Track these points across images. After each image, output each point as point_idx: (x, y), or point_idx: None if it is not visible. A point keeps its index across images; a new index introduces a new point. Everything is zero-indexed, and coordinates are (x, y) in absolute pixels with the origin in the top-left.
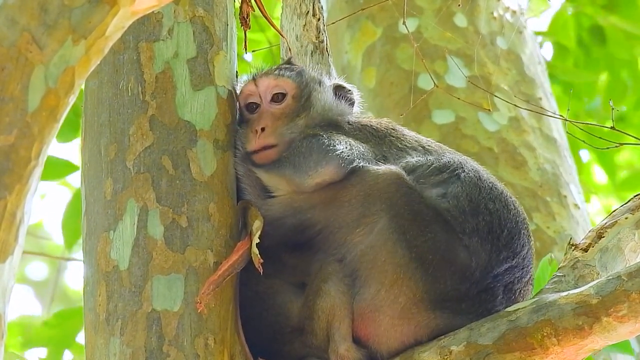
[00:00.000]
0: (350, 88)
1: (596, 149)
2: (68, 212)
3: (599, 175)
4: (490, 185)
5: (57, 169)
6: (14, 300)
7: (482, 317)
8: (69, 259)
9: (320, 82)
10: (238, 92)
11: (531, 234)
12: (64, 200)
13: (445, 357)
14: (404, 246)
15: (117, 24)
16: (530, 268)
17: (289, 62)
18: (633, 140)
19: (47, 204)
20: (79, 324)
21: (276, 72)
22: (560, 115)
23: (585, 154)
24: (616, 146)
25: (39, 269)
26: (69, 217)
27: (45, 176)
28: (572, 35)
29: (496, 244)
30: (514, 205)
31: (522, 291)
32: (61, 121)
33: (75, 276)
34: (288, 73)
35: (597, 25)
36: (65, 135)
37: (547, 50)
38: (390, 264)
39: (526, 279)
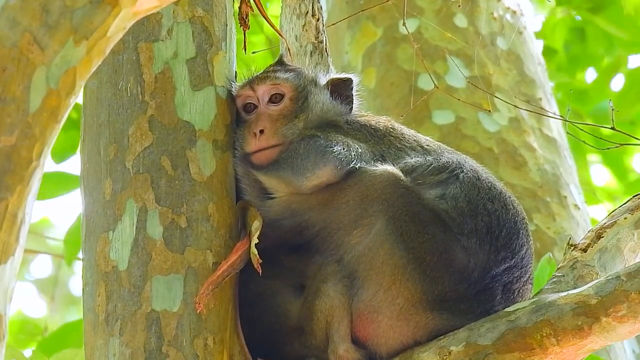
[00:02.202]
0: (346, 78)
1: (597, 149)
2: (73, 227)
3: (599, 177)
4: (489, 185)
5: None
6: (18, 297)
7: (481, 317)
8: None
9: (316, 83)
10: (235, 94)
11: (530, 234)
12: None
13: (445, 358)
14: (401, 247)
15: (119, 25)
16: (529, 268)
17: (281, 61)
18: (635, 142)
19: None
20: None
21: (273, 74)
22: (561, 116)
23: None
24: (616, 147)
25: (43, 267)
26: (72, 232)
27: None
28: (559, 37)
29: (495, 244)
30: (513, 205)
31: (521, 291)
32: (62, 122)
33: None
34: (285, 75)
35: (580, 26)
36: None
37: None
38: (388, 265)
39: (525, 279)
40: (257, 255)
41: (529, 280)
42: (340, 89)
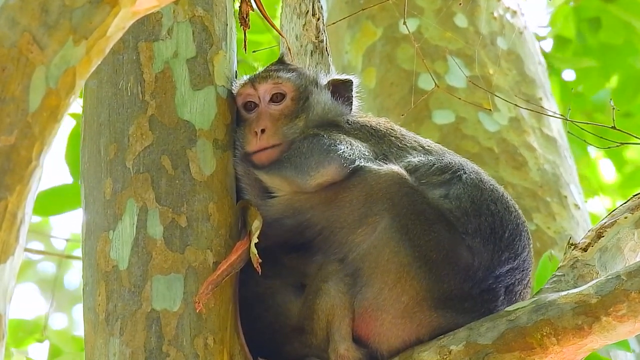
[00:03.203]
0: (346, 79)
1: (598, 148)
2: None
3: (606, 173)
4: (492, 187)
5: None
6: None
7: (484, 317)
8: (72, 257)
9: (317, 83)
10: (235, 93)
11: (530, 238)
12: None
13: (445, 357)
14: (407, 245)
15: (118, 25)
16: (530, 271)
17: (282, 60)
18: (636, 140)
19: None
20: None
21: (274, 73)
22: (561, 115)
23: (592, 150)
24: (617, 145)
25: (47, 267)
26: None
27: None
28: (572, 27)
29: (498, 245)
30: (514, 208)
31: (522, 293)
32: (62, 122)
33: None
34: (287, 74)
35: (595, 16)
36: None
37: (547, 46)
38: (393, 263)
39: (525, 282)
40: (257, 255)
41: (528, 283)
42: (341, 90)
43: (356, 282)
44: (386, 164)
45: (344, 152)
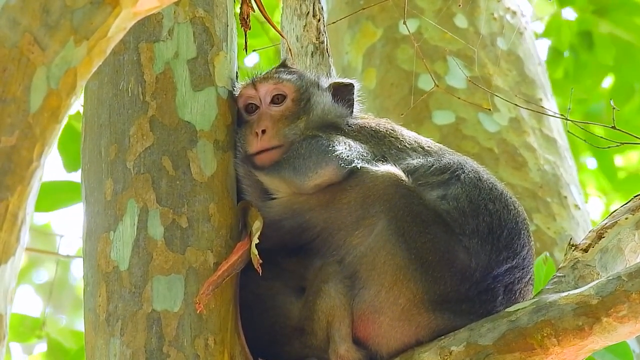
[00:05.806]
0: (348, 83)
1: (597, 148)
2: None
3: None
4: (491, 185)
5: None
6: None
7: (482, 317)
8: (74, 257)
9: (318, 85)
10: (237, 94)
11: (531, 235)
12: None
13: (445, 358)
14: (403, 247)
15: (119, 25)
16: (531, 268)
17: (284, 64)
18: (634, 140)
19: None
20: None
21: (275, 75)
22: (561, 115)
23: (591, 161)
24: (617, 145)
25: (49, 270)
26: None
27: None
28: (565, 40)
29: (496, 245)
30: (514, 206)
31: (523, 291)
32: (63, 122)
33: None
34: (288, 76)
35: (586, 30)
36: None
37: (543, 52)
38: (389, 265)
39: (526, 280)
40: (258, 256)
41: (530, 281)
42: (342, 93)
43: (354, 284)
44: (384, 165)
45: (342, 153)
